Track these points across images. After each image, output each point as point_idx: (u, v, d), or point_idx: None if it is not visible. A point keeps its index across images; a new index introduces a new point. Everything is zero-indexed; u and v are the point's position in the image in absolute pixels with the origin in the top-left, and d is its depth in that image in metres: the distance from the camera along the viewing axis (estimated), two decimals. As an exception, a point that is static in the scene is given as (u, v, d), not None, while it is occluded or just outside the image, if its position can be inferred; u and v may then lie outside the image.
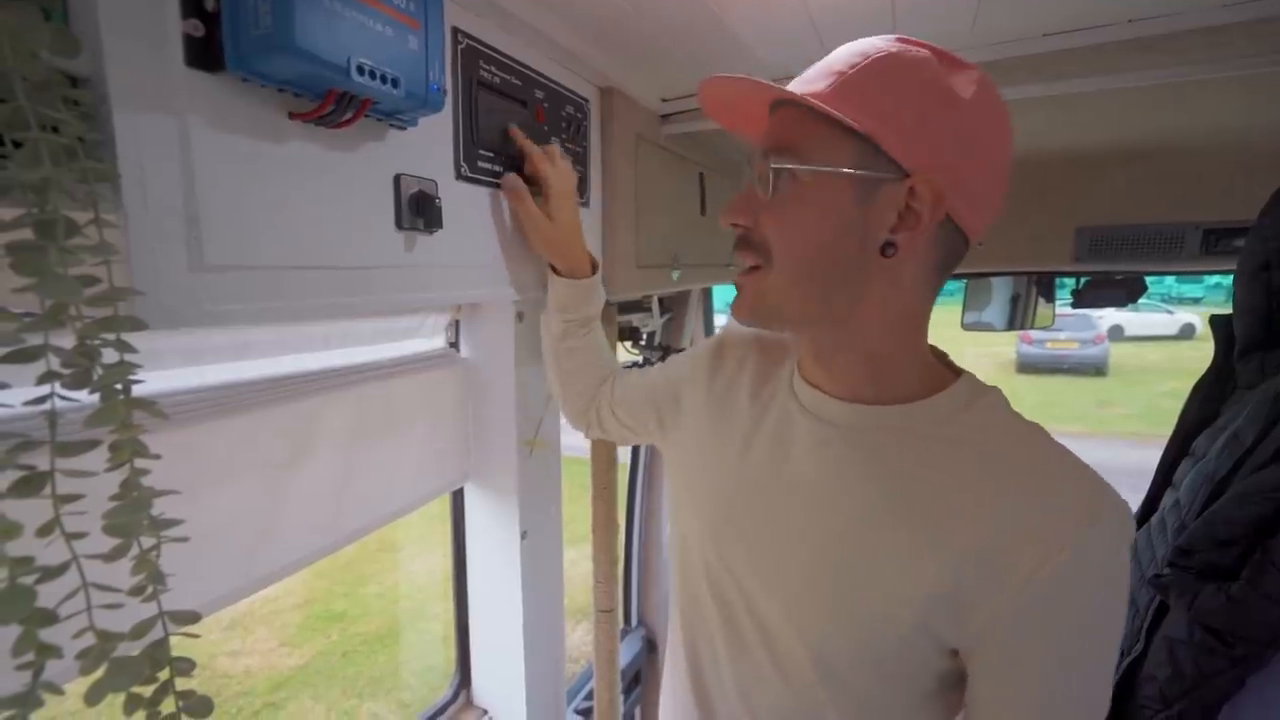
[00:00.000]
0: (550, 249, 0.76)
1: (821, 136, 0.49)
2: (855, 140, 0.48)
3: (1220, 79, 0.75)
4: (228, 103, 0.42)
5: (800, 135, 0.51)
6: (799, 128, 0.51)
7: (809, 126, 0.50)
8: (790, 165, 0.50)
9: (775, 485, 0.58)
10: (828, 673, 0.53)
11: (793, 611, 0.54)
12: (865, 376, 0.55)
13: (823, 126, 0.49)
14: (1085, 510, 0.45)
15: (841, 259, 0.51)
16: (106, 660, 0.36)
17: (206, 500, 0.61)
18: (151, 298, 0.38)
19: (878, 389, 0.54)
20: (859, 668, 0.52)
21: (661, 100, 1.04)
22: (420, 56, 0.48)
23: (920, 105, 0.47)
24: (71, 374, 0.34)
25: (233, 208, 0.43)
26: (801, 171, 0.50)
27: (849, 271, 0.51)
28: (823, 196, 0.50)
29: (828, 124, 0.49)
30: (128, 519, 0.37)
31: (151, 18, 0.37)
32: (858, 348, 0.54)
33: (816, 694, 0.54)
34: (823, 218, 0.50)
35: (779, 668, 0.56)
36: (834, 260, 0.51)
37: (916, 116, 0.47)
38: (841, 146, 0.49)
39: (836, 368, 0.56)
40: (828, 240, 0.51)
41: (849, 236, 0.50)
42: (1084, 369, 10.59)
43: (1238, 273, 0.78)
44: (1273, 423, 0.65)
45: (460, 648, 1.13)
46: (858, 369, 0.55)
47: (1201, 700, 0.65)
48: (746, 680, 0.59)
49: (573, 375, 0.85)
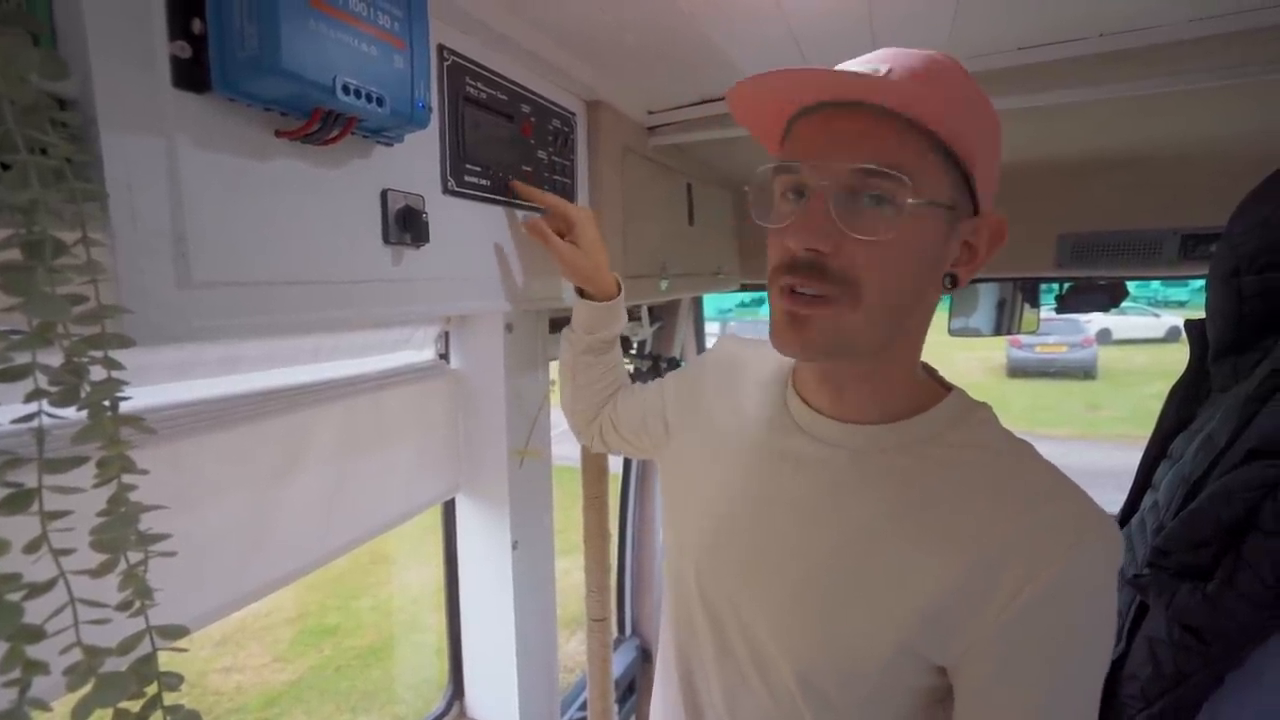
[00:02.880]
0: (580, 277, 0.79)
1: (929, 161, 0.45)
2: (955, 170, 0.46)
3: (1192, 90, 0.77)
4: (215, 122, 0.42)
5: (908, 158, 0.44)
6: (902, 147, 0.44)
7: (913, 145, 0.44)
8: (909, 199, 0.44)
9: (769, 503, 0.57)
10: (811, 689, 0.52)
11: (779, 627, 0.54)
12: (873, 400, 0.54)
13: (929, 149, 0.45)
14: (1073, 530, 0.45)
15: (917, 293, 0.49)
16: (94, 676, 0.36)
17: (196, 514, 0.61)
18: (139, 315, 0.38)
19: (880, 411, 0.54)
20: (843, 685, 0.51)
21: (648, 112, 1.06)
22: (405, 75, 0.49)
23: (994, 143, 0.47)
24: (59, 391, 0.35)
25: (220, 225, 0.43)
26: (903, 201, 0.44)
27: (915, 305, 0.50)
28: (924, 231, 0.46)
29: (933, 146, 0.44)
30: (115, 534, 0.37)
31: (139, 40, 0.38)
32: (882, 375, 0.53)
33: (800, 709, 0.53)
34: (921, 255, 0.47)
35: (765, 681, 0.56)
36: (918, 297, 0.49)
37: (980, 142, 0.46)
38: (944, 175, 0.45)
39: (848, 393, 0.55)
40: (920, 278, 0.48)
41: (934, 272, 0.49)
42: (1073, 372, 10.68)
43: (1210, 278, 0.80)
44: (1244, 425, 0.67)
45: (453, 659, 1.13)
46: (870, 394, 0.54)
47: (1182, 698, 0.67)
48: (733, 692, 0.59)
49: (585, 390, 0.87)
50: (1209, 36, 0.72)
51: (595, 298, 0.80)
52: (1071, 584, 0.44)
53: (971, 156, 0.46)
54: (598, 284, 0.80)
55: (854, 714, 0.52)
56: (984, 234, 0.48)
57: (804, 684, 0.52)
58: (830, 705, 0.52)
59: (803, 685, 0.52)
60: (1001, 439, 0.52)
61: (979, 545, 0.46)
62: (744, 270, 1.73)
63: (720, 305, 13.23)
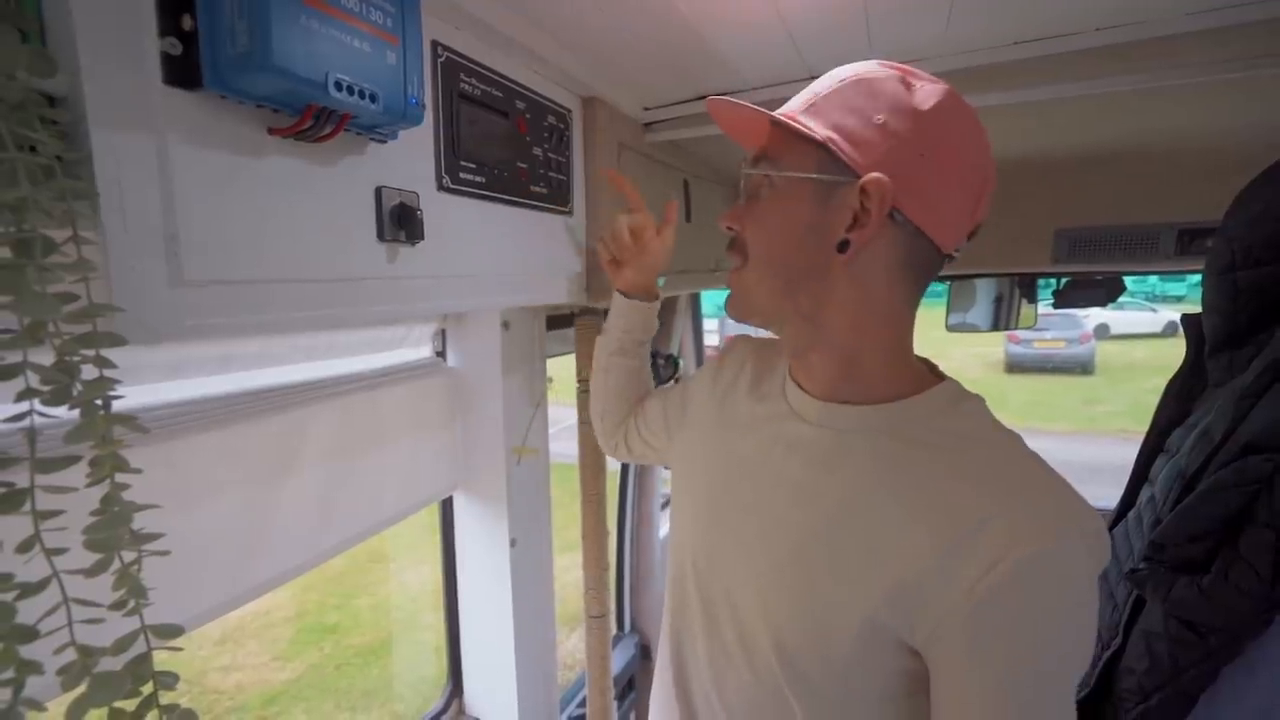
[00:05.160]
0: (652, 274, 0.86)
1: (792, 147, 0.55)
2: (818, 150, 0.53)
3: (1187, 84, 0.77)
4: (206, 119, 0.42)
5: (775, 147, 0.57)
6: (776, 141, 0.57)
7: (783, 139, 0.57)
8: (764, 171, 0.57)
9: (762, 479, 0.60)
10: (788, 663, 0.54)
11: (762, 604, 0.56)
12: (839, 375, 0.57)
13: (794, 139, 0.55)
14: (1053, 516, 0.45)
15: (804, 257, 0.55)
16: (88, 676, 0.36)
17: (192, 513, 0.61)
18: (131, 314, 0.38)
19: (853, 388, 0.56)
20: (820, 663, 0.52)
21: (644, 109, 1.05)
22: (398, 71, 0.49)
23: (875, 116, 0.51)
24: (50, 390, 0.34)
25: (213, 223, 0.43)
26: (775, 177, 0.56)
27: (812, 269, 0.55)
28: (788, 199, 0.56)
29: (798, 137, 0.55)
30: (108, 534, 0.37)
31: (129, 37, 0.38)
32: (829, 345, 0.57)
33: (779, 684, 0.54)
34: (787, 218, 0.56)
35: (749, 660, 0.57)
36: (797, 258, 0.56)
37: (872, 126, 0.51)
38: (806, 155, 0.54)
39: (813, 366, 0.59)
40: (791, 239, 0.56)
41: (811, 235, 0.54)
42: (1071, 367, 10.70)
43: (1205, 272, 0.80)
44: (1240, 419, 0.67)
45: (451, 657, 1.13)
46: (831, 367, 0.57)
47: (1178, 692, 0.67)
48: (720, 671, 0.60)
49: (614, 394, 0.89)
50: (1204, 30, 0.72)
51: (640, 299, 0.85)
52: (1046, 568, 0.44)
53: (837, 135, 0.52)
54: (644, 285, 0.86)
55: (834, 694, 0.53)
56: (874, 197, 0.50)
57: (784, 660, 0.54)
58: (810, 685, 0.53)
59: (782, 662, 0.54)
60: (989, 428, 0.53)
61: (956, 521, 0.47)
62: None
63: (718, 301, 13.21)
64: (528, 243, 0.80)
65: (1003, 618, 0.45)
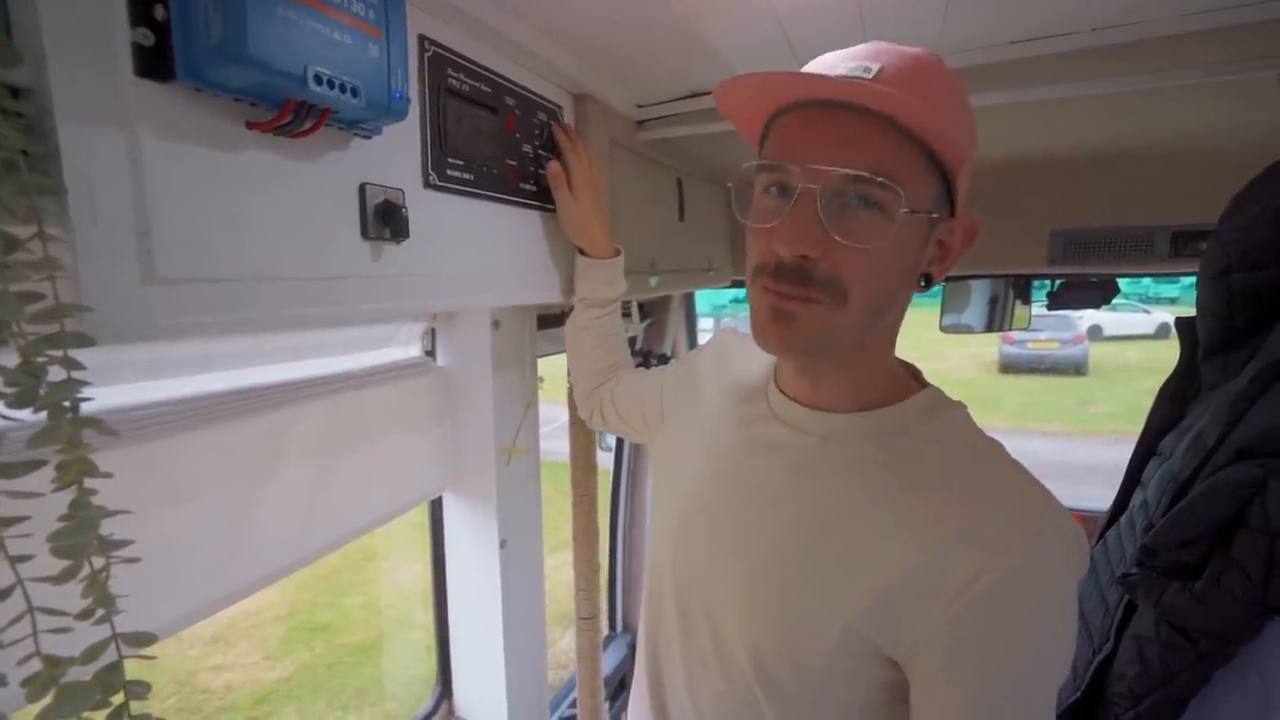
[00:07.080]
0: (572, 229, 0.84)
1: (918, 170, 0.45)
2: (939, 175, 0.46)
3: (1184, 85, 0.76)
4: (180, 113, 0.41)
5: (900, 166, 0.44)
6: (895, 155, 0.44)
7: (904, 153, 0.44)
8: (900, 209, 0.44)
9: (739, 487, 0.58)
10: (763, 672, 0.52)
11: (737, 610, 0.55)
12: (848, 391, 0.55)
13: (918, 157, 0.45)
14: (1034, 526, 0.44)
15: (899, 295, 0.51)
16: (55, 686, 0.35)
17: (172, 516, 0.60)
18: (101, 313, 0.37)
19: (853, 400, 0.55)
20: (795, 672, 0.51)
21: (637, 106, 1.04)
22: (381, 65, 0.47)
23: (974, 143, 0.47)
24: (14, 393, 0.33)
25: (187, 219, 0.42)
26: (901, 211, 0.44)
27: (894, 304, 0.51)
28: (909, 239, 0.47)
29: (922, 153, 0.45)
30: (76, 540, 0.36)
31: (98, 27, 0.36)
32: (859, 367, 0.54)
33: (754, 692, 0.54)
34: (904, 259, 0.48)
35: (723, 667, 0.56)
36: (896, 297, 0.50)
37: (973, 153, 0.47)
38: (931, 182, 0.46)
39: (825, 384, 0.55)
40: (896, 278, 0.49)
41: (911, 274, 0.50)
42: (1065, 368, 10.75)
43: (1200, 275, 0.79)
44: (1234, 423, 0.66)
45: (441, 658, 1.12)
46: (846, 385, 0.55)
47: (1169, 695, 0.66)
48: (694, 677, 0.59)
49: (579, 354, 0.92)
50: (1201, 32, 0.71)
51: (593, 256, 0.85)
52: (1027, 580, 0.43)
53: (958, 163, 0.46)
54: (588, 241, 0.85)
55: (808, 704, 0.52)
56: (959, 233, 0.49)
57: (758, 669, 0.52)
58: (785, 694, 0.52)
59: (758, 670, 0.52)
60: (971, 435, 0.52)
61: (936, 533, 0.46)
62: (735, 266, 1.72)
63: (715, 301, 13.24)
64: (517, 241, 0.79)
65: (984, 631, 0.44)
